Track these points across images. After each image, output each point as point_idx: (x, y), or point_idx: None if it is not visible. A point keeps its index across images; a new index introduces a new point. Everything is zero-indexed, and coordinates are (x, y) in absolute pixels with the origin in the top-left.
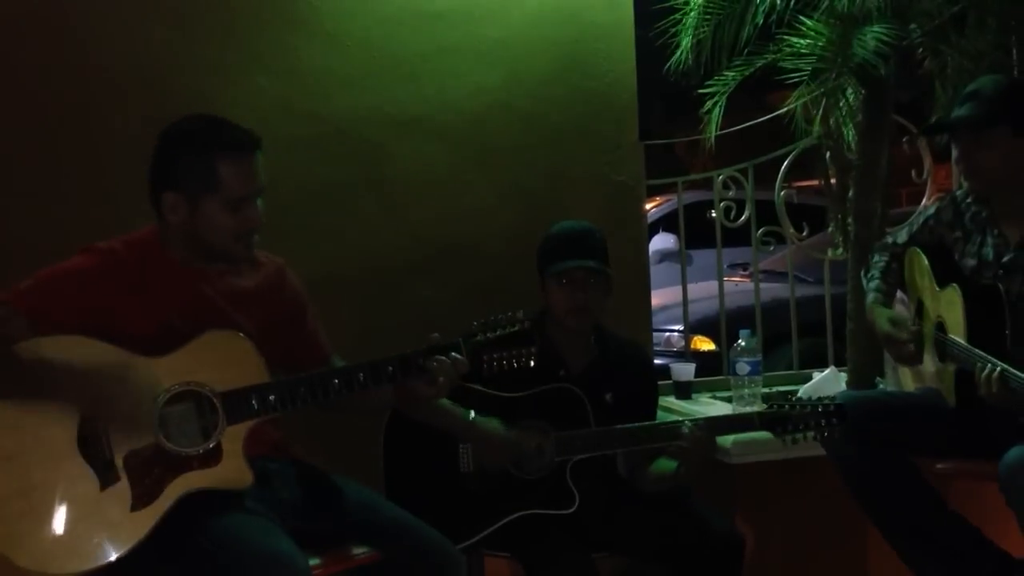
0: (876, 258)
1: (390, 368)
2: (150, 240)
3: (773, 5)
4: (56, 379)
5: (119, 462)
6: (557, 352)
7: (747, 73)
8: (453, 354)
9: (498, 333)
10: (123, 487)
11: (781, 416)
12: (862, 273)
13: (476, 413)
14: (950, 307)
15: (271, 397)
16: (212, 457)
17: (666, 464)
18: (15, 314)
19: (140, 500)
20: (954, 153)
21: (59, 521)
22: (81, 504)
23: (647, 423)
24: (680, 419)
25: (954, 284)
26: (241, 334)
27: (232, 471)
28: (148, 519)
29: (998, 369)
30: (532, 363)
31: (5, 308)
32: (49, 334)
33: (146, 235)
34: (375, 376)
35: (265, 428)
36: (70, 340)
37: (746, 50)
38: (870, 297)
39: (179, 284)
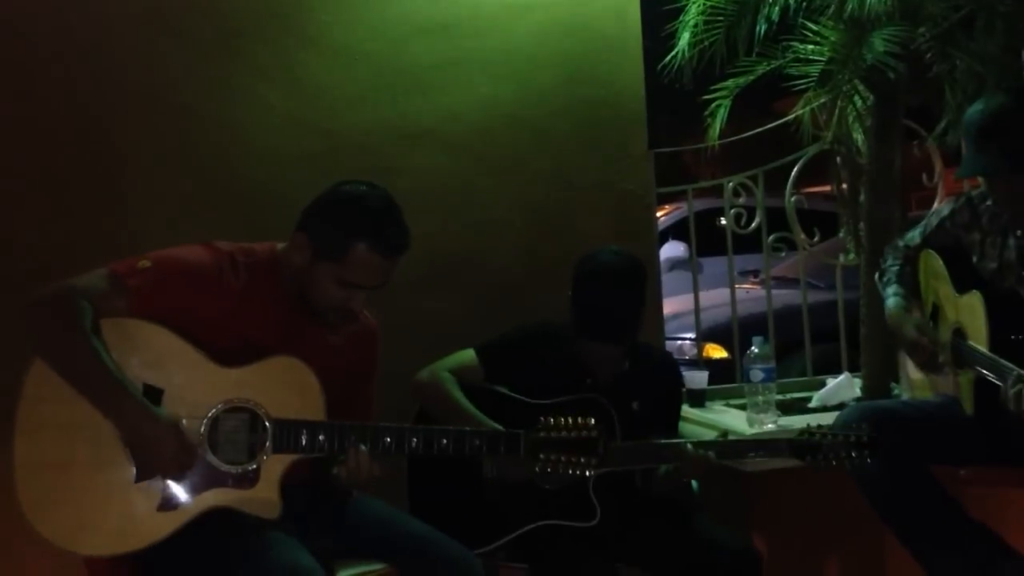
0: (890, 262)
1: (444, 441)
2: (266, 258)
3: (786, 5)
4: (127, 364)
5: None
6: (584, 361)
7: (752, 78)
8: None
9: (563, 435)
10: (156, 484)
11: (812, 445)
12: (876, 277)
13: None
14: (971, 314)
15: (320, 437)
16: (248, 479)
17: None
18: (121, 290)
19: (168, 502)
20: (983, 184)
21: (87, 501)
22: (113, 491)
23: (676, 440)
24: (715, 436)
25: (976, 290)
26: (309, 367)
27: (263, 498)
28: (171, 522)
29: None
30: (589, 474)
31: (115, 282)
32: (136, 315)
33: (265, 252)
34: (427, 442)
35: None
36: (152, 329)
37: (755, 52)
38: (891, 302)
39: (273, 309)
